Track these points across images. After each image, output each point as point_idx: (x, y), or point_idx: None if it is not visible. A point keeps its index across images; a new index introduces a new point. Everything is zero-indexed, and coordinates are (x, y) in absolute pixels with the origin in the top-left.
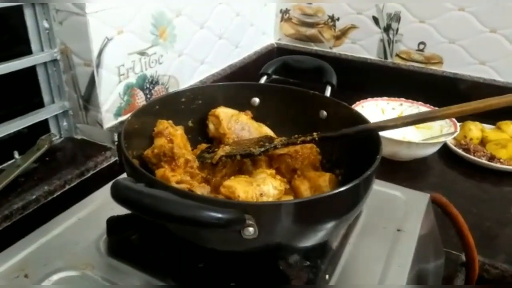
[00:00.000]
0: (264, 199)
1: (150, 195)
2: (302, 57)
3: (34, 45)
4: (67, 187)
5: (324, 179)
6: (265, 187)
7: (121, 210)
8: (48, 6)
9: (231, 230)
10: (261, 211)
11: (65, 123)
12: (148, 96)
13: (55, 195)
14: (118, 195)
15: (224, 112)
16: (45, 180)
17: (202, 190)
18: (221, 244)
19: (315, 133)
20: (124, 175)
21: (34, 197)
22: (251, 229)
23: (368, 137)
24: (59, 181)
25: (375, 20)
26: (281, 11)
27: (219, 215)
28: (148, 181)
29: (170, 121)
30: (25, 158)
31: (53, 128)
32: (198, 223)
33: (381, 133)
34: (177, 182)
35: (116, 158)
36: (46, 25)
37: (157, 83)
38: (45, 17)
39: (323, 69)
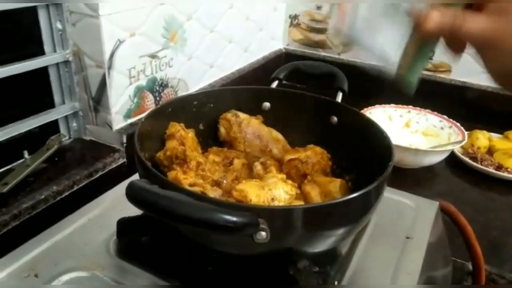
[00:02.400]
0: (276, 203)
1: (166, 196)
2: (314, 62)
3: (47, 46)
4: (76, 187)
5: (335, 185)
6: (276, 191)
7: (132, 212)
8: (62, 7)
9: (244, 234)
10: (274, 216)
11: (74, 124)
12: (158, 98)
13: (63, 195)
14: (134, 196)
15: (235, 116)
16: (54, 180)
17: (214, 193)
18: (232, 248)
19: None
20: (133, 177)
21: (43, 197)
22: (263, 233)
23: (380, 144)
24: (68, 182)
25: None
26: (290, 16)
27: (234, 219)
28: (162, 183)
29: (182, 124)
30: (34, 158)
31: (62, 129)
32: (213, 226)
33: None
34: (190, 185)
35: (125, 159)
36: (59, 26)
37: (166, 86)
38: (59, 18)
39: (335, 75)
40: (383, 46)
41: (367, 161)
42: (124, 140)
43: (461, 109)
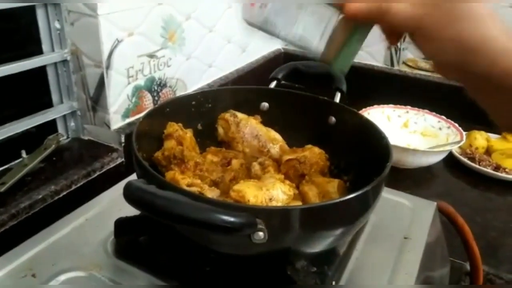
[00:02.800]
0: (274, 203)
1: (163, 197)
2: (313, 62)
3: (45, 45)
4: (74, 187)
5: (333, 185)
6: (274, 191)
7: (129, 212)
8: (60, 7)
9: (242, 234)
10: (271, 216)
11: (72, 124)
12: (156, 98)
13: (61, 195)
14: (132, 196)
15: (233, 116)
16: (51, 180)
17: (212, 193)
18: (230, 248)
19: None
20: (131, 176)
21: (40, 196)
22: (261, 233)
23: (378, 144)
24: (66, 181)
25: None
26: None
27: (232, 219)
28: (160, 183)
29: (180, 124)
30: (32, 157)
31: (60, 128)
32: (211, 226)
33: None
34: (187, 185)
35: (123, 159)
36: (57, 25)
37: (165, 85)
38: (57, 17)
39: (333, 75)
40: (301, 32)
41: (365, 162)
42: (122, 139)
43: (459, 110)
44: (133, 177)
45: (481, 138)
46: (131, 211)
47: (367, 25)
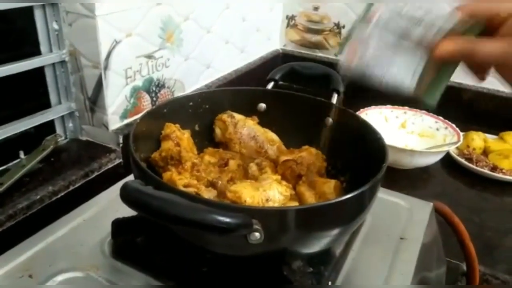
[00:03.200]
0: (270, 204)
1: (159, 198)
2: (310, 63)
3: (43, 46)
4: (71, 188)
5: (329, 186)
6: (271, 192)
7: (127, 212)
8: (58, 7)
9: (238, 234)
10: (268, 216)
11: (70, 124)
12: (154, 99)
13: (59, 196)
14: (128, 197)
15: (231, 117)
16: (49, 181)
17: (209, 194)
18: (226, 248)
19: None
20: (129, 177)
21: (38, 197)
22: (257, 234)
23: (374, 145)
24: (64, 182)
25: None
26: (287, 17)
27: (228, 220)
28: (156, 184)
29: (177, 125)
30: (30, 158)
31: (58, 129)
32: (207, 227)
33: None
34: (184, 186)
35: (121, 160)
36: (55, 26)
37: (163, 86)
38: (55, 18)
39: (330, 77)
40: (396, 76)
41: (361, 162)
42: (120, 140)
43: (456, 110)
44: (131, 177)
45: (478, 139)
46: (129, 212)
47: (454, 63)
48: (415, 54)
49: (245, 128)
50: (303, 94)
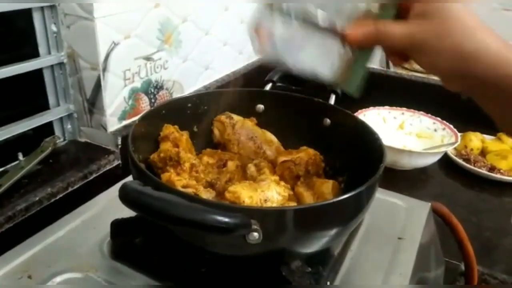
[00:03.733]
0: (268, 204)
1: (158, 198)
2: None
3: (42, 48)
4: (70, 189)
5: (327, 186)
6: (269, 193)
7: (125, 213)
8: (57, 10)
9: (237, 234)
10: (266, 217)
11: (69, 126)
12: (153, 100)
13: (58, 197)
14: (127, 197)
15: (229, 118)
16: (48, 182)
17: (207, 194)
18: (225, 248)
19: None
20: (128, 179)
21: (37, 198)
22: (255, 234)
23: (372, 145)
24: (62, 183)
25: None
26: None
27: (227, 220)
28: (155, 185)
29: (176, 126)
30: (29, 159)
31: (57, 131)
32: (205, 227)
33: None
34: (183, 186)
35: (119, 161)
36: (54, 28)
37: (161, 88)
38: (54, 20)
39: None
40: (310, 61)
41: (359, 163)
42: (119, 142)
43: (454, 111)
44: (130, 179)
45: (476, 140)
46: (128, 212)
47: (369, 49)
48: (324, 39)
49: (243, 129)
50: (301, 95)
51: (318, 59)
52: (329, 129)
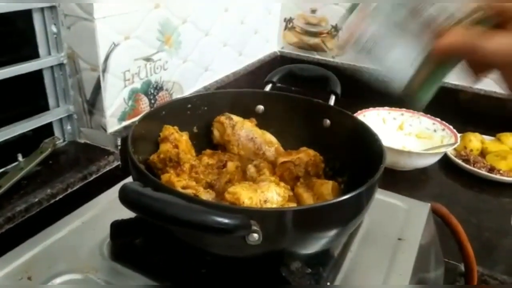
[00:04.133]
0: (268, 205)
1: (158, 199)
2: (307, 66)
3: (42, 49)
4: (70, 190)
5: (327, 187)
6: (269, 194)
7: (125, 214)
8: (57, 10)
9: (236, 235)
10: (266, 218)
11: (69, 127)
12: (152, 101)
13: (57, 198)
14: (127, 198)
15: (229, 119)
16: (48, 183)
17: (207, 195)
18: (225, 250)
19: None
20: (127, 180)
21: (36, 199)
22: (255, 235)
23: (371, 146)
24: (62, 185)
25: None
26: (285, 19)
27: (226, 221)
28: (155, 186)
29: (176, 127)
30: (28, 161)
31: (57, 132)
32: (205, 228)
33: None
34: (183, 187)
35: (119, 162)
36: (54, 29)
37: (161, 88)
38: (53, 21)
39: (328, 78)
40: (393, 62)
41: (359, 164)
42: (119, 142)
43: (454, 112)
44: (129, 180)
45: (475, 140)
46: (127, 213)
47: (454, 61)
48: (417, 41)
49: (243, 130)
50: (301, 96)
51: (402, 60)
52: (329, 129)
